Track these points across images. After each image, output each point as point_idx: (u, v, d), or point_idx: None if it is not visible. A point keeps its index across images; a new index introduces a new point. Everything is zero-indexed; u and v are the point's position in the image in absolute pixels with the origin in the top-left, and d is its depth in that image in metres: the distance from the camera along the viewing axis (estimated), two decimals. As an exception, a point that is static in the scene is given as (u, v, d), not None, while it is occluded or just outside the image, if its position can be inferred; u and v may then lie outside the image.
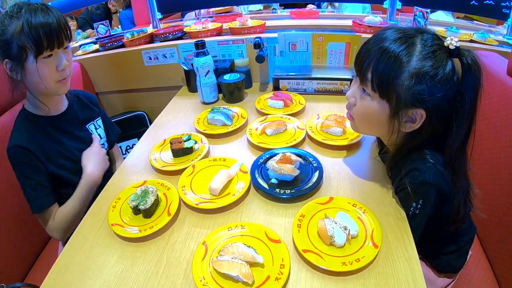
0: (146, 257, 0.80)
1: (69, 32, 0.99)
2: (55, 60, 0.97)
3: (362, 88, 0.80)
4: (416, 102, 0.72)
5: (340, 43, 1.51)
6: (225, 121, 1.26)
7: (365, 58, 0.76)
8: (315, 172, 0.97)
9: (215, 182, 0.94)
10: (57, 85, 1.01)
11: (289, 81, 1.51)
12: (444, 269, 1.02)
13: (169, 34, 1.79)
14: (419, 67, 0.70)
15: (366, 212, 0.83)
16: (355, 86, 0.83)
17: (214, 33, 1.77)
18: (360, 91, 0.81)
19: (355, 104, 0.83)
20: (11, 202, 1.19)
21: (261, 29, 1.74)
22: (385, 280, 0.69)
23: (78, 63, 1.73)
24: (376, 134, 0.87)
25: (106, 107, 1.94)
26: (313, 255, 0.73)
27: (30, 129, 1.04)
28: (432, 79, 0.70)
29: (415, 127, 0.77)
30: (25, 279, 1.24)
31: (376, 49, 0.74)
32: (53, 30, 0.93)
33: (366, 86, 0.77)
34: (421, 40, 0.72)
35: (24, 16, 0.91)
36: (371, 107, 0.79)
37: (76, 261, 0.80)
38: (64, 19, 0.97)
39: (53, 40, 0.94)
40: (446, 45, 0.71)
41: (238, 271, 0.68)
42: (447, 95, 0.72)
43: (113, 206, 0.94)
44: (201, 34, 1.75)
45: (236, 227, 0.83)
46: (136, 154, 1.21)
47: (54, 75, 0.98)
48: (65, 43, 0.99)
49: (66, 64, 1.00)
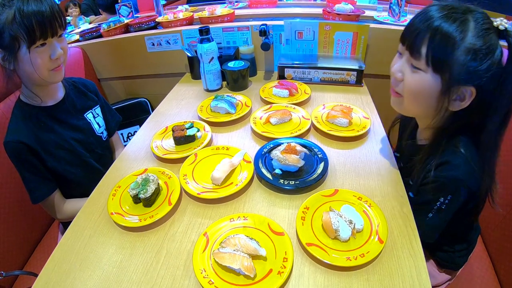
0: (146, 247, 0.78)
1: (63, 20, 0.95)
2: (49, 49, 0.94)
3: (411, 63, 0.77)
4: (469, 79, 0.71)
5: (348, 32, 1.48)
6: (229, 109, 1.23)
7: (417, 33, 0.74)
8: (320, 164, 0.95)
9: (217, 171, 0.92)
10: (51, 74, 0.98)
11: (295, 70, 1.48)
12: (447, 264, 1.01)
13: (143, 24, 1.79)
14: (473, 43, 0.69)
15: (371, 206, 0.81)
16: (402, 61, 0.80)
17: (184, 22, 1.76)
18: (409, 66, 0.78)
19: (402, 80, 0.80)
20: (10, 190, 1.18)
21: (229, 18, 1.73)
22: (390, 276, 0.68)
23: (80, 48, 1.70)
24: (421, 112, 0.83)
25: (108, 94, 1.91)
26: (317, 249, 0.71)
27: (26, 121, 1.02)
28: (485, 57, 0.69)
29: (463, 105, 0.75)
30: (24, 267, 1.24)
31: (430, 24, 0.72)
32: (46, 18, 0.89)
33: (418, 61, 0.75)
34: (473, 17, 0.71)
35: (16, 5, 0.86)
36: (424, 82, 0.76)
37: (75, 250, 0.79)
38: (58, 7, 0.94)
39: (46, 29, 0.90)
40: (495, 25, 0.71)
41: (240, 264, 0.66)
42: (495, 75, 0.71)
43: (113, 194, 0.92)
44: (171, 24, 1.74)
45: (239, 218, 0.81)
46: (137, 141, 1.19)
47: (48, 64, 0.95)
48: (59, 32, 0.95)
49: (60, 52, 0.96)
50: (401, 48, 0.80)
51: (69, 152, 1.10)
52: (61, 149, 1.08)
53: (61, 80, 1.07)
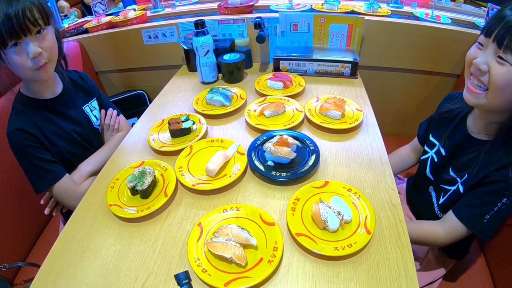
0: (143, 237, 0.82)
1: (41, 17, 0.92)
2: (24, 48, 0.91)
3: (498, 55, 0.77)
4: None
5: (343, 24, 1.49)
6: (224, 101, 1.25)
7: (508, 27, 0.74)
8: (312, 156, 0.97)
9: (211, 163, 0.94)
10: (35, 73, 0.96)
11: (290, 62, 1.50)
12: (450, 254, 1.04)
13: (73, 30, 1.83)
14: None
15: (360, 197, 0.83)
16: (487, 54, 0.79)
17: (104, 26, 1.79)
18: (495, 58, 0.78)
19: (487, 72, 0.80)
20: (12, 183, 1.21)
21: (138, 20, 1.77)
22: (376, 266, 0.70)
23: (77, 42, 1.71)
24: (504, 105, 0.82)
25: (106, 86, 1.93)
26: (306, 239, 0.74)
27: (27, 112, 1.04)
28: None
29: None
30: (27, 259, 1.28)
31: None
32: (14, 20, 0.86)
33: (506, 55, 0.75)
34: None
35: None
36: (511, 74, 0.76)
37: (76, 241, 0.82)
38: (34, 5, 0.90)
39: (15, 29, 0.87)
40: None
41: (231, 253, 0.70)
42: None
43: (111, 186, 0.95)
44: (94, 29, 1.78)
45: (232, 209, 0.84)
46: (135, 134, 1.21)
47: (27, 63, 0.93)
48: (33, 30, 0.91)
49: (38, 51, 0.92)
50: (484, 40, 0.80)
51: (69, 143, 1.12)
52: (61, 140, 1.10)
53: (50, 77, 1.06)
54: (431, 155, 1.04)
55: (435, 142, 1.04)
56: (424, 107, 1.76)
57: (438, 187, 0.99)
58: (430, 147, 1.06)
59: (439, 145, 1.02)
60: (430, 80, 1.68)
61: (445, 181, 0.96)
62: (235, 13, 1.67)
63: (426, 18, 1.60)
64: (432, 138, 1.06)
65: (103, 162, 1.10)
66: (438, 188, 0.99)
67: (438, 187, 0.99)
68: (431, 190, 1.03)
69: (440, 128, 1.04)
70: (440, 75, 1.65)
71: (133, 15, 1.76)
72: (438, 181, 1.00)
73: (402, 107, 1.83)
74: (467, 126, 0.95)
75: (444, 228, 0.90)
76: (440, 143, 1.02)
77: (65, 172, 1.07)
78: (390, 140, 1.71)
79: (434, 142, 1.04)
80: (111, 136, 1.29)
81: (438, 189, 0.99)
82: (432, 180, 1.03)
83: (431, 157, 1.04)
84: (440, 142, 1.02)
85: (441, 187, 0.97)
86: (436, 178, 1.02)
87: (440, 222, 0.92)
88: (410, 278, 0.67)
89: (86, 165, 1.15)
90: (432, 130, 1.08)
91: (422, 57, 1.61)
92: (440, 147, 1.01)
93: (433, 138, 1.05)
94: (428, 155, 1.06)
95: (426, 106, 1.69)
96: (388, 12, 1.65)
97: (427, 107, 1.12)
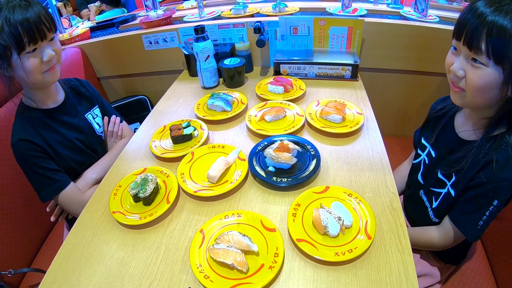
0: (146, 244, 0.83)
1: (51, 24, 0.98)
2: (40, 53, 0.97)
3: (471, 59, 0.78)
4: None
5: (343, 27, 1.49)
6: (225, 107, 1.26)
7: (472, 29, 0.75)
8: (313, 161, 0.98)
9: (213, 170, 0.95)
10: (45, 76, 1.00)
11: (290, 66, 1.50)
12: (445, 259, 1.04)
13: None
14: None
15: (361, 202, 0.84)
16: (461, 59, 0.81)
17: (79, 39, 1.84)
18: (469, 62, 0.79)
19: (463, 77, 0.81)
20: (17, 190, 1.22)
21: (80, 38, 1.85)
22: (377, 271, 0.71)
23: (78, 48, 1.73)
24: (483, 104, 0.84)
25: (108, 92, 1.95)
26: (306, 245, 0.75)
27: (30, 122, 1.05)
28: None
29: None
30: (32, 264, 1.29)
31: (484, 19, 0.74)
32: (32, 25, 0.92)
33: (478, 56, 0.76)
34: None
35: (2, 15, 0.89)
36: (487, 76, 0.77)
37: (80, 248, 0.83)
38: (45, 11, 0.96)
39: (34, 35, 0.93)
40: None
41: (233, 259, 0.70)
42: None
43: (114, 193, 0.96)
44: None
45: (233, 215, 0.84)
46: (137, 140, 1.22)
47: (40, 67, 0.98)
48: (49, 35, 0.97)
49: (52, 54, 0.99)
50: (456, 44, 0.81)
51: (73, 151, 1.14)
52: (65, 148, 1.12)
53: (57, 81, 1.09)
54: (423, 158, 1.05)
55: (426, 144, 1.04)
56: (425, 107, 1.72)
57: (428, 191, 0.99)
58: (422, 150, 1.06)
59: (429, 146, 1.02)
60: (431, 81, 1.68)
61: (434, 184, 0.96)
62: (150, 27, 1.75)
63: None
64: (424, 141, 1.06)
65: (108, 170, 1.11)
66: (428, 192, 0.99)
67: (428, 190, 0.99)
68: (422, 194, 1.03)
69: (430, 129, 1.05)
70: (441, 75, 1.65)
71: (78, 33, 1.85)
72: (428, 184, 1.00)
73: (403, 108, 1.83)
74: (455, 126, 0.96)
75: (439, 234, 0.91)
76: (429, 144, 1.02)
77: (70, 181, 1.09)
78: (391, 141, 1.72)
79: (425, 145, 1.05)
80: (115, 142, 1.31)
81: (429, 192, 0.99)
82: (422, 184, 1.03)
83: (423, 160, 1.05)
84: (429, 142, 1.03)
85: (431, 190, 0.97)
86: (425, 182, 1.02)
87: (436, 228, 0.93)
88: (411, 283, 0.68)
89: (91, 172, 1.16)
90: (424, 133, 1.08)
91: (422, 58, 1.60)
92: (431, 149, 1.01)
93: (424, 141, 1.06)
94: (420, 158, 1.06)
95: (427, 107, 1.69)
96: (296, 10, 1.76)
97: (428, 107, 1.12)
